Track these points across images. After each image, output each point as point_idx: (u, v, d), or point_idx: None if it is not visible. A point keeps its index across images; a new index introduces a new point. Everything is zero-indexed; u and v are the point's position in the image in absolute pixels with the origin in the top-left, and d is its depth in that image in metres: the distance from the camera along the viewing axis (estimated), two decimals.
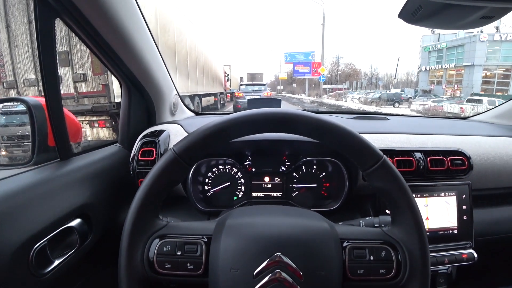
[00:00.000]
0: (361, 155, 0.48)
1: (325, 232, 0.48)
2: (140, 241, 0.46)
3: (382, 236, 0.50)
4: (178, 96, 1.22)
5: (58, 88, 0.75)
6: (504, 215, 1.06)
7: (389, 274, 0.47)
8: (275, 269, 0.43)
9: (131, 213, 0.45)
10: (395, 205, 0.49)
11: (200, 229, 0.49)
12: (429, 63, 36.40)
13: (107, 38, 0.82)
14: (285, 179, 1.00)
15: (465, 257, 0.89)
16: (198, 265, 0.46)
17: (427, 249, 0.47)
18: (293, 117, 0.48)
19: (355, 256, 0.47)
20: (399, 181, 0.48)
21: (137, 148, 0.94)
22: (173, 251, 0.46)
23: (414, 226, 0.47)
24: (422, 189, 0.90)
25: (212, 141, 0.48)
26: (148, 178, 0.46)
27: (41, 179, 0.69)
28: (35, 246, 0.61)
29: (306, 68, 34.60)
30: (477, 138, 1.05)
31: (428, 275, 0.46)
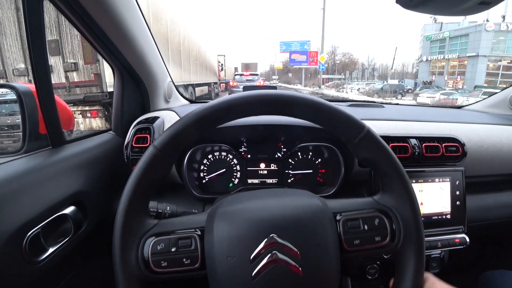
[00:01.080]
0: (345, 128, 0.48)
1: (317, 208, 0.48)
2: (132, 243, 0.45)
3: (373, 204, 0.50)
4: (172, 83, 1.21)
5: (48, 74, 0.73)
6: (496, 202, 1.08)
7: (384, 241, 0.48)
8: (271, 251, 0.43)
9: (120, 215, 0.44)
10: (383, 173, 0.49)
11: (192, 222, 0.49)
12: (431, 53, 35.18)
13: (99, 22, 0.79)
14: (281, 165, 1.00)
15: (457, 241, 0.91)
16: (194, 259, 0.45)
17: (418, 212, 0.48)
18: (273, 98, 0.47)
19: (349, 228, 0.48)
20: (384, 149, 0.48)
21: (131, 134, 0.92)
22: (167, 249, 0.45)
23: (403, 191, 0.48)
24: (417, 174, 0.91)
25: (193, 131, 0.47)
26: (133, 178, 0.45)
27: (33, 167, 0.68)
28: (28, 234, 0.60)
29: (303, 57, 33.67)
30: (471, 126, 1.07)
31: (422, 236, 0.47)
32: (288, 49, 34.42)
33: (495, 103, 1.35)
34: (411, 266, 0.46)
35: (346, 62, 61.69)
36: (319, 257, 0.45)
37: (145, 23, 0.96)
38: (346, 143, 0.50)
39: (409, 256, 0.47)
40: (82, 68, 4.43)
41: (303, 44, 34.35)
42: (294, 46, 34.08)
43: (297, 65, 35.27)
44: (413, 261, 0.46)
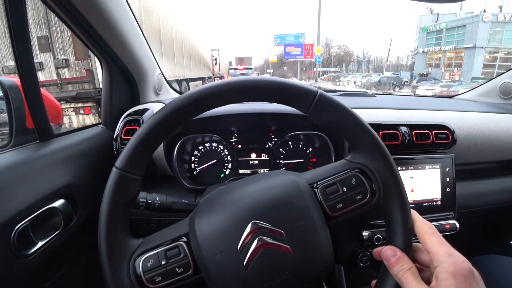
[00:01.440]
0: (298, 97, 0.48)
1: (292, 183, 0.48)
2: (121, 268, 0.44)
3: (346, 165, 0.50)
4: (162, 76, 1.19)
5: (33, 68, 0.72)
6: (485, 188, 1.10)
7: (365, 198, 0.47)
8: (256, 237, 0.43)
9: (101, 245, 0.43)
10: (348, 132, 0.49)
11: (175, 231, 0.48)
12: (427, 45, 34.77)
13: (86, 14, 0.78)
14: (272, 155, 1.00)
15: (447, 227, 0.92)
16: (186, 266, 0.45)
17: (391, 161, 0.47)
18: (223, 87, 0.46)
19: (329, 194, 0.47)
20: (342, 108, 0.47)
21: (120, 127, 0.92)
22: (157, 263, 0.44)
23: (372, 144, 0.48)
24: (407, 162, 0.92)
25: (152, 141, 0.46)
26: (104, 206, 0.44)
27: (20, 160, 0.67)
28: (16, 227, 0.60)
29: (298, 50, 33.13)
30: (461, 114, 1.08)
31: (400, 184, 0.47)
32: (282, 42, 33.99)
33: (485, 92, 1.37)
34: (399, 216, 0.46)
35: (341, 54, 61.25)
36: (305, 230, 0.45)
37: (133, 15, 0.94)
38: (304, 112, 0.49)
39: (394, 206, 0.47)
40: (73, 65, 4.37)
41: (298, 37, 33.92)
42: (289, 39, 33.60)
43: (292, 58, 34.68)
44: (399, 210, 0.46)
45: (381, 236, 0.89)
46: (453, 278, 0.37)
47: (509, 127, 1.08)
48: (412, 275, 0.41)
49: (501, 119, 1.10)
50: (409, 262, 0.43)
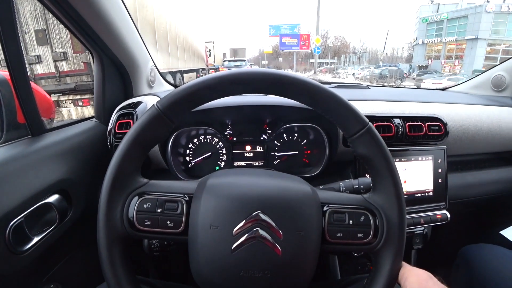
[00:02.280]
0: (347, 120, 0.48)
1: (307, 195, 0.49)
2: (119, 198, 0.45)
3: (362, 202, 0.51)
4: (155, 68, 1.18)
5: (22, 62, 0.70)
6: (475, 179, 1.11)
7: (366, 238, 0.48)
8: (254, 227, 0.44)
9: (111, 168, 0.44)
10: (377, 172, 0.49)
11: (181, 188, 0.49)
12: (427, 36, 33.46)
13: (74, 4, 0.76)
14: (267, 147, 1.00)
15: (439, 217, 0.94)
16: (178, 223, 0.46)
17: (404, 217, 0.48)
18: (283, 78, 0.46)
19: (335, 220, 0.48)
20: (383, 149, 0.48)
21: (114, 120, 0.91)
22: (153, 208, 0.45)
23: (394, 194, 0.48)
24: (401, 153, 0.93)
25: (198, 98, 0.47)
26: (130, 134, 0.45)
27: (12, 156, 0.66)
28: (11, 223, 0.60)
29: (294, 40, 32.13)
30: (453, 106, 1.08)
31: (403, 240, 0.48)
32: (277, 32, 33.26)
33: (478, 84, 1.38)
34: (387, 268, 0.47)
35: (338, 46, 60.10)
36: (300, 242, 0.45)
37: (124, 7, 0.93)
38: (346, 135, 0.50)
39: (387, 258, 0.48)
40: (71, 58, 4.36)
41: (293, 28, 33.20)
42: (284, 30, 32.78)
43: (288, 49, 33.76)
44: (389, 264, 0.47)
45: None
46: None
47: (500, 120, 1.09)
48: None
49: (492, 111, 1.11)
50: None
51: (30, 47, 4.18)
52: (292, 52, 35.14)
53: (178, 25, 10.24)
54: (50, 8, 0.77)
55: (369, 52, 56.14)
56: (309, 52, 45.27)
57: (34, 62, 4.23)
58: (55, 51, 4.30)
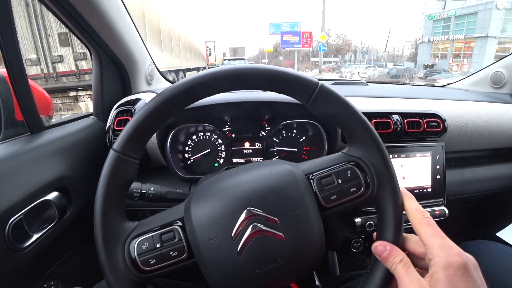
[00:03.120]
0: (298, 88, 0.48)
1: (288, 173, 0.48)
2: (116, 250, 0.45)
3: (343, 158, 0.51)
4: (153, 65, 1.18)
5: (20, 59, 0.70)
6: (474, 176, 1.12)
7: (360, 191, 0.48)
8: (251, 224, 0.44)
9: (97, 227, 0.44)
10: (346, 125, 0.49)
11: (170, 215, 0.49)
12: (433, 34, 31.33)
13: (73, 1, 0.76)
14: (265, 144, 1.00)
15: (437, 213, 0.95)
16: (180, 250, 0.45)
17: (386, 156, 0.48)
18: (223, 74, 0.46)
19: (324, 185, 0.48)
20: (341, 100, 0.48)
21: (112, 117, 0.91)
22: (152, 246, 0.45)
23: (369, 138, 0.48)
24: (399, 150, 0.93)
25: (151, 125, 0.46)
26: (100, 187, 0.44)
27: (10, 153, 0.67)
28: (10, 220, 0.60)
29: (295, 38, 31.05)
30: (452, 102, 1.09)
31: (394, 178, 0.48)
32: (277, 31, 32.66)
33: (477, 81, 1.38)
34: (390, 210, 0.47)
35: (340, 44, 58.70)
36: (299, 219, 0.45)
37: (123, 4, 0.93)
38: (303, 103, 0.49)
39: (386, 199, 0.48)
40: (90, 57, 4.55)
41: (293, 26, 32.52)
42: (284, 28, 32.09)
43: (289, 47, 32.69)
44: (391, 204, 0.47)
45: (373, 222, 0.91)
46: (444, 271, 0.38)
47: (498, 116, 1.09)
48: (404, 267, 0.42)
49: (491, 108, 1.11)
50: (400, 253, 0.44)
51: (54, 48, 4.62)
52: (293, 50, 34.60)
53: (180, 26, 10.90)
54: (48, 6, 0.77)
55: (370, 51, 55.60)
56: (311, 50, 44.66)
57: (57, 61, 4.71)
58: (75, 52, 4.77)
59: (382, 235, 0.47)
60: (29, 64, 4.65)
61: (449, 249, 0.40)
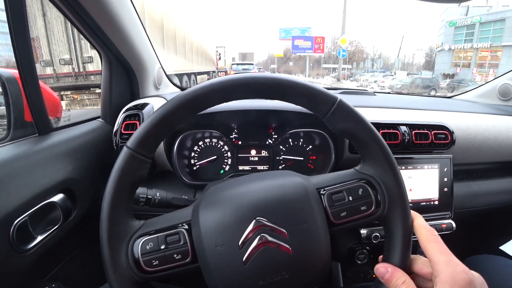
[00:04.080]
0: (316, 102, 0.48)
1: (300, 185, 0.48)
2: (120, 247, 0.45)
3: (355, 175, 0.50)
4: (162, 70, 1.19)
5: (32, 61, 0.71)
6: (482, 189, 1.10)
7: (370, 209, 0.48)
8: (259, 234, 0.43)
9: (103, 222, 0.44)
10: (361, 142, 0.49)
11: (177, 218, 0.48)
12: (455, 41, 29.36)
13: (87, 8, 0.78)
14: (272, 152, 1.00)
15: (444, 226, 0.93)
16: (185, 253, 0.45)
17: (399, 176, 0.48)
18: (242, 82, 0.46)
19: (335, 201, 0.48)
20: (359, 118, 0.48)
21: (120, 121, 0.91)
22: (156, 247, 0.44)
23: (383, 158, 0.48)
24: (406, 161, 0.92)
25: (166, 126, 0.46)
26: (110, 182, 0.44)
27: (18, 154, 0.67)
28: (15, 222, 0.60)
29: (307, 43, 30.24)
30: (460, 114, 1.08)
31: (406, 200, 0.47)
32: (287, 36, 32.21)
33: (485, 93, 1.37)
34: (399, 231, 0.47)
35: (352, 50, 57.05)
36: (307, 233, 0.45)
37: (134, 9, 0.94)
38: (321, 117, 0.49)
39: (396, 221, 0.47)
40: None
41: (304, 31, 32.09)
42: (294, 33, 31.84)
43: (300, 52, 31.80)
44: (400, 225, 0.47)
45: (379, 234, 0.90)
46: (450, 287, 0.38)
47: (507, 129, 1.08)
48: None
49: (499, 120, 1.10)
50: (402, 275, 0.43)
51: (85, 50, 4.90)
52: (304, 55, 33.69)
53: (193, 32, 11.64)
54: (60, 7, 0.78)
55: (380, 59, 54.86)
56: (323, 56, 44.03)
57: (87, 62, 5.02)
58: None
59: (389, 257, 0.47)
60: (62, 63, 5.05)
61: (455, 266, 0.40)
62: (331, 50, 55.15)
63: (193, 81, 11.41)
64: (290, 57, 53.06)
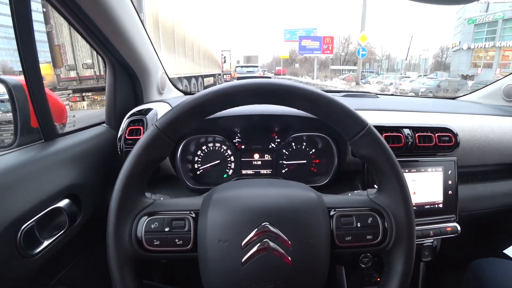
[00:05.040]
0: (346, 123, 0.48)
1: (312, 201, 0.48)
2: (127, 220, 0.46)
3: (368, 203, 0.50)
4: (165, 75, 1.20)
5: (38, 67, 0.72)
6: (487, 191, 1.09)
7: (376, 240, 0.48)
8: (263, 239, 0.44)
9: (116, 192, 0.45)
10: (381, 172, 0.49)
11: (187, 204, 0.50)
12: (474, 40, 27.02)
13: (91, 14, 0.79)
14: (275, 156, 1.00)
15: (449, 229, 0.92)
16: (186, 240, 0.46)
17: (412, 214, 0.48)
18: (275, 87, 0.47)
19: (343, 224, 0.48)
20: (384, 148, 0.48)
21: (124, 127, 0.92)
22: (161, 228, 0.46)
23: (399, 192, 0.48)
24: (410, 164, 0.91)
25: (195, 114, 0.47)
26: (132, 156, 0.46)
27: (25, 160, 0.68)
28: (22, 227, 0.61)
29: (315, 44, 28.65)
30: (464, 116, 1.07)
31: (413, 238, 0.47)
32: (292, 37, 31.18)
33: (489, 93, 1.35)
34: (399, 268, 0.47)
35: None
36: (310, 249, 0.45)
37: (137, 15, 0.95)
38: (346, 138, 0.50)
39: (398, 257, 0.47)
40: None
41: (309, 32, 31.30)
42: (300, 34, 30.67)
43: (308, 53, 30.07)
44: (402, 263, 0.47)
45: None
46: None
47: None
48: None
49: (504, 122, 1.09)
50: None
51: None
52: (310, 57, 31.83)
53: (201, 37, 12.56)
54: (63, 13, 0.79)
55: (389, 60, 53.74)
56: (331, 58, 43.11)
57: None
58: None
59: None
60: (85, 67, 5.57)
61: None
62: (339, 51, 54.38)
63: (200, 83, 12.03)
64: (296, 59, 52.61)
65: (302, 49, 29.70)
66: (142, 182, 0.48)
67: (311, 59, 34.52)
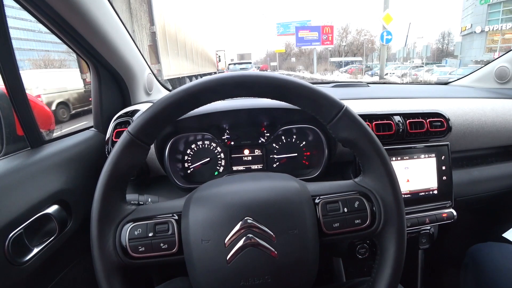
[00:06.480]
0: (322, 107, 0.47)
1: (295, 191, 0.48)
2: (109, 229, 0.45)
3: (353, 187, 0.50)
4: (152, 75, 1.18)
5: (18, 75, 0.71)
6: (482, 175, 1.08)
7: (364, 223, 0.47)
8: (246, 234, 0.43)
9: (96, 202, 0.45)
10: (363, 154, 0.48)
11: (169, 207, 0.49)
12: (488, 22, 24.71)
13: (65, 16, 0.77)
14: (265, 150, 0.99)
15: (445, 216, 0.91)
16: (171, 243, 0.45)
17: (399, 194, 0.47)
18: (247, 79, 0.46)
19: (329, 211, 0.47)
20: (364, 129, 0.47)
21: (111, 129, 0.91)
22: (144, 234, 0.45)
23: (384, 172, 0.47)
24: (402, 152, 0.90)
25: (168, 116, 0.46)
26: (107, 165, 0.45)
27: (11, 168, 0.67)
28: (10, 235, 0.60)
29: (314, 34, 27.07)
30: (455, 100, 1.06)
31: (403, 218, 0.47)
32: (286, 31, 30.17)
33: (481, 77, 1.35)
34: (392, 249, 0.46)
35: (361, 41, 52.13)
36: (296, 240, 0.44)
37: (117, 16, 0.94)
38: (324, 123, 0.49)
39: (390, 239, 0.46)
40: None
41: (303, 24, 29.95)
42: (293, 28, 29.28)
43: (306, 45, 28.35)
44: (394, 244, 0.46)
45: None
46: None
47: (505, 112, 1.06)
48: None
49: (497, 104, 1.08)
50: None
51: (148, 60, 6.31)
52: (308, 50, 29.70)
53: (198, 40, 14.15)
54: (42, 21, 0.77)
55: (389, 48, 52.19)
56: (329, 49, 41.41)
57: None
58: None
59: (377, 277, 0.46)
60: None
61: None
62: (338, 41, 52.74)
63: None
64: (291, 53, 51.93)
65: (299, 41, 28.12)
66: (121, 189, 0.48)
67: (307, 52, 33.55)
